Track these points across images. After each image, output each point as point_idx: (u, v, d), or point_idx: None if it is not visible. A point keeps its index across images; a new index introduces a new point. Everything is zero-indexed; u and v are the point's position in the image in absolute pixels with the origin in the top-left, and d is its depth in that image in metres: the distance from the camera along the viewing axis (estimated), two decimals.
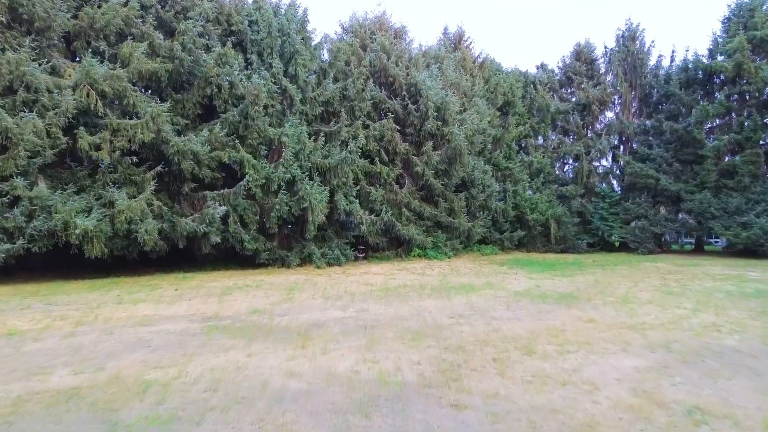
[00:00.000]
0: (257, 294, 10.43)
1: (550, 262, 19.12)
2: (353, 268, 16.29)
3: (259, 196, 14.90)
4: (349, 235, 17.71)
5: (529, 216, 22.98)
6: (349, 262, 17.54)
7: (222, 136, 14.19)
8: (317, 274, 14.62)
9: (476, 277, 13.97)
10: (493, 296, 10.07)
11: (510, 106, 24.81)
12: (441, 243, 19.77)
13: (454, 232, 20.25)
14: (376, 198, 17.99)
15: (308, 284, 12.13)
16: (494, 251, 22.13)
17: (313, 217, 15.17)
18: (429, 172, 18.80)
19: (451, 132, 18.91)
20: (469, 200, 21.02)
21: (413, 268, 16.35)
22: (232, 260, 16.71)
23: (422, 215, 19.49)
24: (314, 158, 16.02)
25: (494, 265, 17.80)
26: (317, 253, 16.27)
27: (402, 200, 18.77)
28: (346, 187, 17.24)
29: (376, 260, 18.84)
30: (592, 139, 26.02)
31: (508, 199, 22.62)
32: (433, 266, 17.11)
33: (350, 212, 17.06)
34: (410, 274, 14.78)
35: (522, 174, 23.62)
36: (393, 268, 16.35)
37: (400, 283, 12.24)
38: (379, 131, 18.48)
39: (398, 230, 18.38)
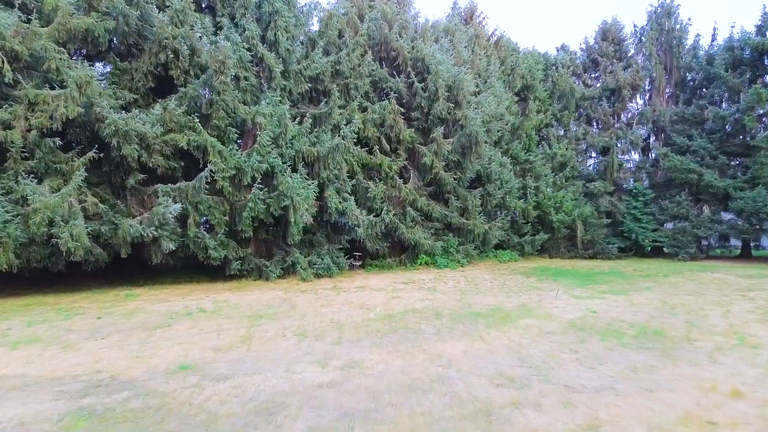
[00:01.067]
0: (207, 327, 7.45)
1: (583, 271, 16.14)
2: (347, 281, 13.31)
3: (228, 191, 11.93)
4: (343, 239, 14.72)
5: (553, 217, 19.99)
6: (343, 272, 14.56)
7: (179, 115, 11.22)
8: (300, 290, 11.64)
9: (503, 294, 10.99)
10: (540, 331, 7.10)
11: (529, 90, 21.84)
12: (452, 248, 16.78)
13: (468, 235, 17.28)
14: (376, 195, 15.01)
15: (284, 308, 9.15)
16: (513, 257, 19.14)
17: (296, 217, 12.20)
18: (439, 163, 15.82)
19: (465, 116, 15.94)
20: (485, 198, 18.05)
21: (421, 281, 13.37)
22: (199, 270, 13.76)
23: (430, 215, 16.51)
24: (299, 145, 13.05)
25: (518, 275, 14.81)
26: (302, 263, 13.29)
27: (406, 197, 15.78)
28: (339, 181, 14.27)
29: (375, 269, 15.85)
30: (621, 128, 23.04)
31: (529, 197, 19.64)
32: (444, 277, 14.12)
33: (344, 212, 14.09)
34: (418, 289, 11.80)
35: (544, 168, 20.64)
36: (396, 281, 13.38)
37: (407, 307, 9.27)
38: (380, 114, 15.50)
39: (402, 233, 15.41)
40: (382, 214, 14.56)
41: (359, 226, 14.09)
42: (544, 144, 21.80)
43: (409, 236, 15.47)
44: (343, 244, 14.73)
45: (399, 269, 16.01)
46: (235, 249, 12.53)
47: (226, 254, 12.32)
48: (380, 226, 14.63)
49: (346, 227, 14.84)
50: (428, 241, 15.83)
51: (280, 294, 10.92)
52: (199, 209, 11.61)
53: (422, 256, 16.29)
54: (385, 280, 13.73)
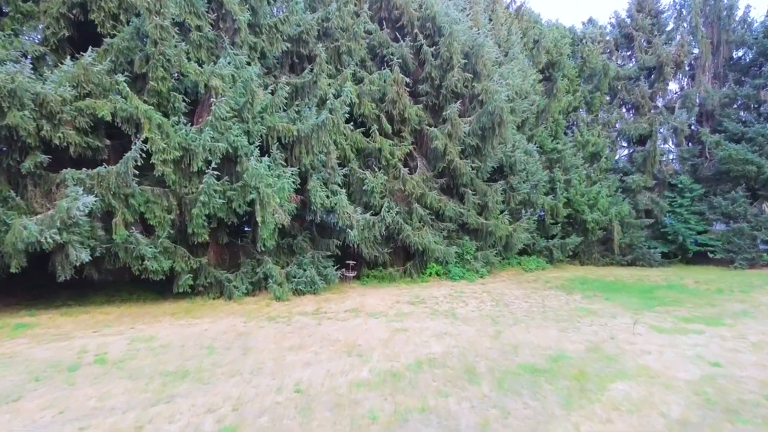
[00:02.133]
0: (74, 402, 4.36)
1: (633, 284, 13.00)
2: (336, 300, 10.20)
3: (173, 179, 8.83)
4: (332, 244, 11.59)
5: (587, 216, 16.85)
6: (331, 286, 11.44)
7: (99, 74, 8.12)
8: (269, 315, 8.53)
9: (553, 325, 7.88)
10: (667, 419, 3.99)
11: (555, 67, 18.71)
12: (469, 255, 13.65)
13: (487, 238, 14.15)
14: (374, 188, 11.89)
15: (231, 355, 6.04)
16: (541, 265, 16.01)
17: (265, 215, 9.10)
18: (453, 148, 12.69)
19: (486, 89, 12.82)
20: (508, 194, 14.93)
21: (433, 299, 10.25)
22: (145, 285, 10.64)
23: (442, 214, 13.39)
24: (272, 120, 9.94)
25: (556, 290, 11.69)
26: (277, 276, 10.19)
27: (412, 191, 12.66)
28: (326, 169, 11.18)
29: (373, 281, 12.73)
30: (661, 113, 19.90)
31: (559, 193, 16.49)
32: (462, 293, 11.00)
33: (332, 209, 10.98)
34: (431, 314, 8.69)
35: (575, 159, 17.49)
36: (400, 298, 10.27)
37: (420, 351, 6.15)
38: (379, 86, 12.39)
39: (407, 237, 12.29)
40: (382, 212, 11.42)
41: (352, 228, 10.96)
42: (575, 130, 18.63)
43: (416, 240, 12.35)
44: (333, 250, 11.60)
45: (403, 281, 12.89)
46: (184, 258, 9.42)
47: (172, 265, 9.21)
48: (380, 227, 11.49)
49: (335, 229, 11.73)
50: (440, 246, 12.70)
51: (238, 324, 7.81)
52: (131, 204, 8.50)
53: (432, 265, 13.17)
54: (385, 297, 10.62)
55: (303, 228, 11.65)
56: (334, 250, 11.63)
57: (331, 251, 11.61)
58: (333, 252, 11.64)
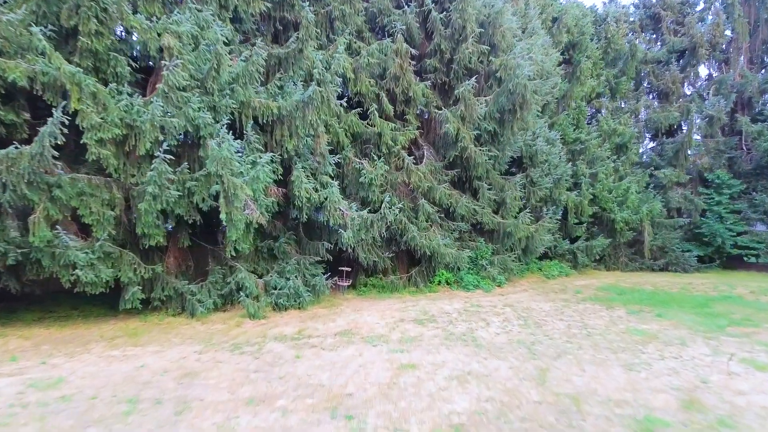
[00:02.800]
0: None
1: (679, 295, 11.06)
2: (325, 317, 8.27)
3: (114, 165, 6.92)
4: (322, 247, 9.65)
5: (615, 215, 14.92)
6: (321, 299, 9.52)
7: (11, 25, 6.22)
8: (235, 342, 6.60)
9: (607, 354, 5.94)
10: None
11: (577, 48, 16.77)
12: (485, 260, 11.72)
13: (505, 240, 12.23)
14: (372, 179, 9.96)
15: (157, 416, 4.10)
16: (564, 271, 14.08)
17: (232, 211, 7.18)
18: (467, 133, 10.75)
19: (506, 64, 10.89)
20: (528, 189, 13.00)
21: (446, 316, 8.32)
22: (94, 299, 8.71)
23: (453, 212, 11.48)
24: (245, 94, 8.02)
25: (592, 303, 9.75)
26: (252, 287, 8.27)
27: (419, 184, 10.74)
28: (315, 156, 9.27)
29: (372, 292, 10.82)
30: (693, 100, 17.96)
31: (584, 188, 14.55)
32: (480, 308, 9.06)
33: (322, 205, 9.05)
34: (445, 339, 6.75)
35: (601, 150, 15.56)
36: (404, 315, 8.33)
37: (438, 412, 4.23)
38: (379, 60, 10.48)
39: (412, 238, 10.37)
40: (383, 209, 9.48)
41: (346, 227, 9.03)
42: (600, 118, 16.68)
43: (423, 242, 10.42)
44: (323, 254, 9.66)
45: (408, 292, 10.95)
46: (133, 266, 7.49)
47: (117, 275, 7.29)
48: (379, 227, 9.55)
49: (326, 229, 9.79)
50: (450, 250, 10.77)
51: (190, 356, 5.88)
52: (56, 197, 6.57)
53: (441, 272, 11.24)
54: (386, 312, 8.69)
55: (286, 228, 9.72)
56: (324, 255, 9.69)
57: (321, 256, 9.68)
58: (323, 257, 9.70)
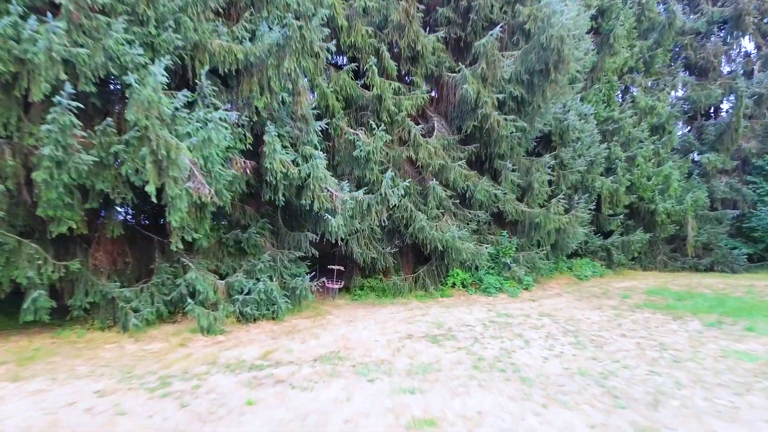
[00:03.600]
0: None
1: (753, 302, 8.95)
2: (305, 332, 6.23)
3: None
4: (305, 240, 7.53)
5: (657, 205, 12.82)
6: (304, 306, 7.45)
7: None
8: (163, 376, 4.51)
9: (727, 395, 3.87)
10: None
11: (606, 16, 14.66)
12: (508, 257, 9.64)
13: (532, 233, 10.15)
14: (370, 154, 7.85)
15: None
16: (598, 271, 11.99)
17: (167, 184, 5.07)
18: (489, 97, 8.66)
19: (536, 14, 8.81)
20: (558, 172, 10.93)
21: (468, 331, 6.26)
22: None
23: (470, 197, 9.41)
24: (199, 32, 5.93)
25: (651, 311, 7.67)
26: (207, 290, 6.20)
27: (428, 161, 8.67)
28: (296, 123, 7.19)
29: (369, 296, 8.75)
30: (736, 76, 15.87)
31: (620, 174, 12.46)
32: (511, 319, 6.98)
33: (305, 183, 6.94)
34: (475, 370, 4.69)
35: (638, 130, 13.46)
36: (412, 331, 6.26)
37: None
38: (378, 5, 8.39)
39: (419, 229, 8.30)
40: (383, 188, 7.34)
41: (335, 213, 6.93)
42: (636, 94, 14.55)
43: (434, 235, 8.35)
44: (306, 249, 7.56)
45: (414, 296, 8.89)
46: (37, 261, 5.41)
47: (13, 275, 5.23)
48: (379, 212, 7.42)
49: (311, 216, 7.67)
50: (468, 244, 8.68)
51: (80, 402, 3.81)
52: None
53: (456, 272, 9.17)
54: (387, 326, 6.62)
55: (260, 215, 7.64)
56: (308, 250, 7.60)
57: (304, 251, 7.59)
58: (306, 252, 7.61)
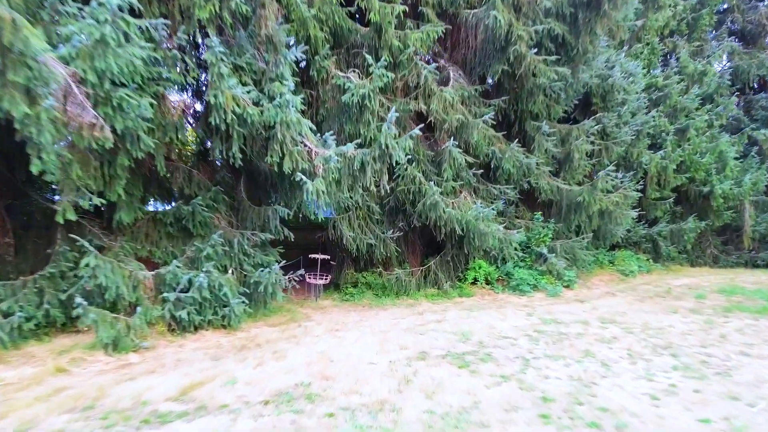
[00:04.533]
0: None
1: None
2: (266, 350, 4.18)
3: None
4: (273, 217, 5.44)
5: (713, 187, 10.77)
6: (273, 309, 5.39)
7: None
8: None
9: None
10: None
11: None
12: (543, 246, 7.60)
13: (571, 217, 8.12)
14: (365, 98, 5.75)
15: None
16: (644, 266, 9.93)
17: (17, 103, 2.99)
18: (522, 30, 6.59)
19: None
20: (599, 144, 8.88)
21: (508, 345, 4.23)
22: None
23: (495, 168, 7.35)
24: None
25: (753, 318, 5.61)
26: (117, 286, 4.12)
27: (443, 117, 6.60)
28: (262, 52, 5.11)
29: (365, 296, 6.72)
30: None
31: (669, 148, 10.42)
32: (563, 328, 4.94)
33: (271, 133, 4.87)
34: (544, 422, 2.58)
35: (690, 100, 11.40)
36: (424, 343, 4.22)
37: None
38: None
39: (432, 206, 6.26)
40: (383, 139, 5.20)
41: (313, 175, 4.86)
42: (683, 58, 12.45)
43: (452, 214, 6.30)
44: (274, 229, 5.48)
45: (425, 295, 6.84)
46: None
47: None
48: (375, 176, 5.26)
49: (282, 182, 5.59)
50: (495, 226, 6.62)
51: None
52: None
53: (478, 264, 7.12)
54: (388, 340, 4.58)
55: (214, 182, 5.58)
56: (279, 231, 5.54)
57: (273, 232, 5.53)
58: (277, 233, 5.55)
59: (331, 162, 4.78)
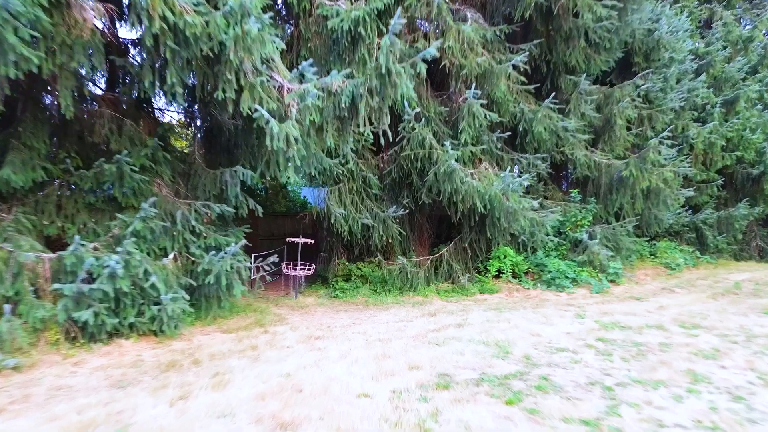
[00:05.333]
0: None
1: None
2: (205, 372, 2.68)
3: None
4: (231, 182, 4.00)
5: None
6: (231, 310, 3.96)
7: None
8: None
9: None
10: None
11: None
12: (581, 231, 6.18)
13: (612, 196, 6.70)
14: (358, 25, 4.30)
15: None
16: (690, 260, 8.49)
17: None
18: None
19: None
20: (644, 113, 7.44)
21: (571, 362, 2.78)
22: None
23: (524, 134, 5.90)
24: None
25: None
26: None
27: (461, 60, 5.15)
28: None
29: (360, 292, 5.29)
30: None
31: (716, 122, 8.99)
32: (636, 337, 3.50)
33: (222, 52, 3.41)
34: None
35: (737, 70, 9.98)
36: (442, 361, 2.78)
37: None
38: None
39: (447, 174, 4.81)
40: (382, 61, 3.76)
41: (282, 117, 3.42)
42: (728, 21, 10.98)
43: (473, 186, 4.86)
44: (236, 198, 4.05)
45: (436, 291, 5.42)
46: None
47: None
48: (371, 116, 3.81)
49: (247, 135, 4.18)
50: (525, 204, 5.19)
51: None
52: None
53: (503, 252, 5.68)
54: (388, 355, 3.16)
55: (158, 137, 4.14)
56: (239, 201, 4.11)
57: (231, 202, 4.09)
58: (236, 205, 4.12)
59: (309, 97, 3.35)
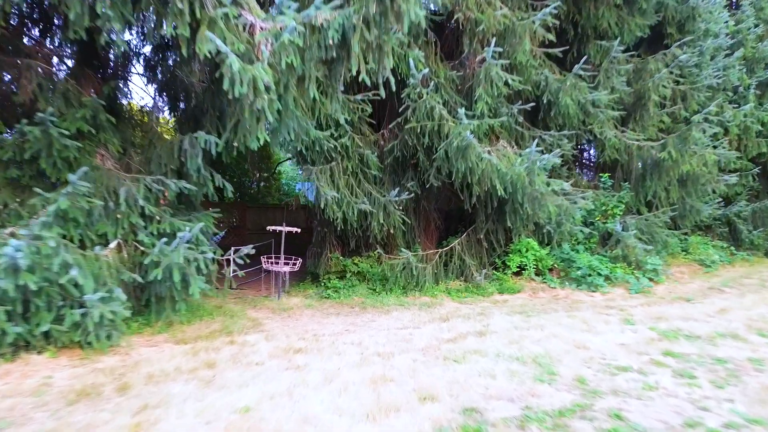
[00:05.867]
0: None
1: None
2: (128, 406, 1.81)
3: None
4: (192, 151, 3.17)
5: None
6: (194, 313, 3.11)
7: None
8: None
9: None
10: None
11: None
12: (611, 221, 5.35)
13: (646, 182, 5.87)
14: None
15: None
16: (725, 256, 7.65)
17: None
18: None
19: None
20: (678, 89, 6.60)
21: (657, 403, 1.87)
22: None
23: (546, 107, 5.06)
24: None
25: None
26: None
27: (477, 14, 4.31)
28: None
29: (356, 292, 4.46)
30: None
31: (751, 105, 8.15)
32: (711, 349, 2.65)
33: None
34: None
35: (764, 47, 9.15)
36: (481, 407, 1.87)
37: None
38: None
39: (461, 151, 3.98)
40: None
41: (251, 59, 2.59)
42: None
43: (492, 164, 4.03)
44: (199, 173, 3.24)
45: (447, 291, 4.59)
46: None
47: None
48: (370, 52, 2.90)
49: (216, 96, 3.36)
50: (553, 185, 4.37)
51: None
52: None
53: (525, 244, 4.85)
54: (390, 377, 2.33)
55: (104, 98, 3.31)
56: (201, 176, 3.28)
57: (191, 176, 3.26)
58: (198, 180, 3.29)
59: (287, 33, 2.53)
